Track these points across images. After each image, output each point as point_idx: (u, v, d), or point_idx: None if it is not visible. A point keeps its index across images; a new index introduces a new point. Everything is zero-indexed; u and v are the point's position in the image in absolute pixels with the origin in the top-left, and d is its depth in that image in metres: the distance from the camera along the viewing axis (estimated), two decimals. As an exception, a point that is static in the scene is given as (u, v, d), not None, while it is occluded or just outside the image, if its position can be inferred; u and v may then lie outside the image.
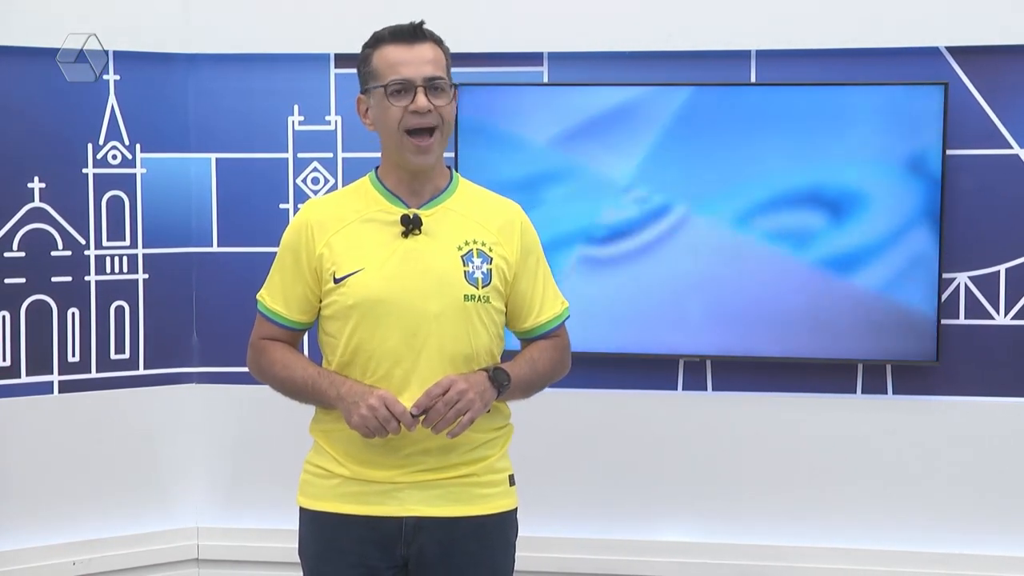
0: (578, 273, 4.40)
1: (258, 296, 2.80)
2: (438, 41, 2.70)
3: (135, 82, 4.52)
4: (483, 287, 2.68)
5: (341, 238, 2.69)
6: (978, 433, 4.38)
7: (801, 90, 4.32)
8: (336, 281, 2.68)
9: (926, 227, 4.26)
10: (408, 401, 2.61)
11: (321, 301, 2.72)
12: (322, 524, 2.73)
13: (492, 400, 2.66)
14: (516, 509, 2.79)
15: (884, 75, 4.31)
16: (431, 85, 2.65)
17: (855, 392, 4.42)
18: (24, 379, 4.43)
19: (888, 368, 4.39)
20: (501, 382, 2.66)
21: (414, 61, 2.64)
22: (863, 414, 4.42)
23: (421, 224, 2.68)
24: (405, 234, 2.67)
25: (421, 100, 2.63)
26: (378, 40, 2.70)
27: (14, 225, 4.40)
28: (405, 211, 2.69)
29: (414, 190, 2.71)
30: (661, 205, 4.38)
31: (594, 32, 4.44)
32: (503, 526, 2.76)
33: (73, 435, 4.50)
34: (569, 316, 2.84)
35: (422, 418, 2.59)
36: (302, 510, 2.78)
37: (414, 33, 2.67)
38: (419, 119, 2.64)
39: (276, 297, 2.77)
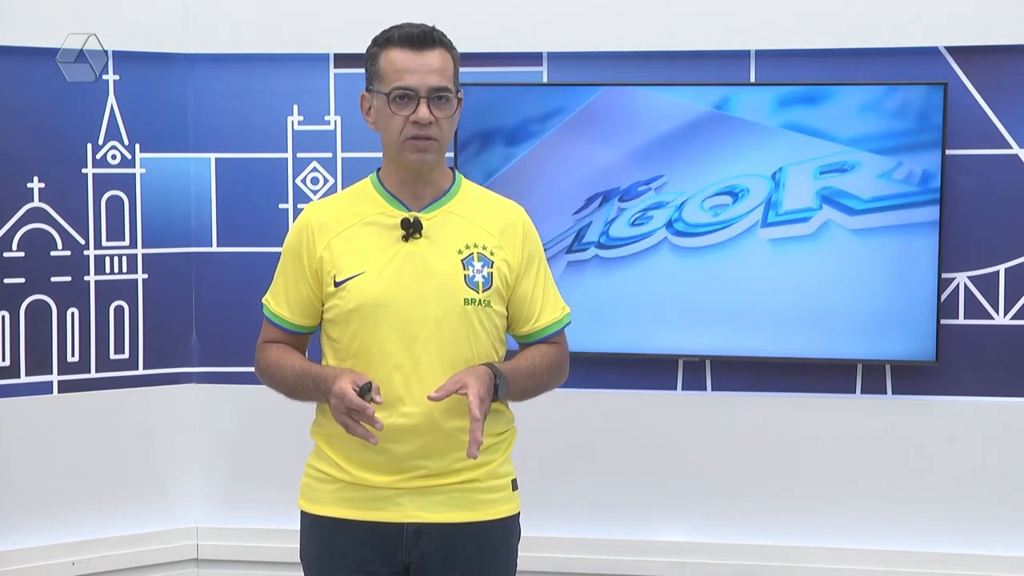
0: (577, 273, 4.40)
1: (263, 300, 2.80)
2: (448, 46, 2.65)
3: (134, 82, 4.52)
4: (484, 291, 2.66)
5: (341, 241, 2.67)
6: (977, 433, 4.38)
7: (801, 90, 4.32)
8: (336, 284, 2.66)
9: (926, 227, 4.26)
10: (410, 406, 2.61)
11: (323, 304, 2.71)
12: (322, 528, 2.72)
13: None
14: (518, 514, 2.78)
15: (883, 75, 4.30)
16: (435, 96, 2.62)
17: (854, 392, 4.42)
18: (23, 379, 4.42)
19: (887, 368, 4.38)
20: (499, 388, 2.61)
21: (420, 69, 2.60)
22: (862, 414, 4.42)
23: (421, 228, 2.66)
24: (405, 238, 2.65)
25: (423, 111, 2.60)
26: (387, 40, 2.65)
27: (14, 225, 4.39)
28: (405, 214, 2.67)
29: (415, 192, 2.69)
30: (661, 204, 4.38)
31: (594, 32, 4.44)
32: (505, 531, 2.75)
33: (73, 435, 4.49)
34: (570, 322, 2.81)
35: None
36: (303, 514, 2.76)
37: (424, 39, 2.62)
38: (419, 129, 2.61)
39: (280, 301, 2.76)
